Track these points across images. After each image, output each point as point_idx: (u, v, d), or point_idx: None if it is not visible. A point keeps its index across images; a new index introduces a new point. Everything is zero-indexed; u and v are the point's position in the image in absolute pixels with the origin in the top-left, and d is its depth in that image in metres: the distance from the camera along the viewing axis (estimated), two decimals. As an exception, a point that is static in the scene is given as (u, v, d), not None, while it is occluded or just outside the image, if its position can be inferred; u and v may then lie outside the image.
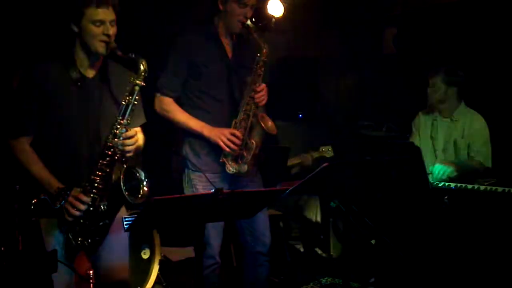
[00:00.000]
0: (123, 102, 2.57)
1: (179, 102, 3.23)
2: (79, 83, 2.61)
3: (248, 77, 3.16)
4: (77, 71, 2.61)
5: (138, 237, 3.97)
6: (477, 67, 4.70)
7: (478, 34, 4.86)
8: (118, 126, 2.56)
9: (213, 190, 2.30)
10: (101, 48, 2.55)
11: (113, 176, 2.54)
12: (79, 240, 2.55)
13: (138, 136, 2.69)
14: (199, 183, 3.17)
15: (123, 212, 2.85)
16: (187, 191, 3.23)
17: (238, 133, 3.12)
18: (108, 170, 2.55)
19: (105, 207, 2.56)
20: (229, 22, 3.17)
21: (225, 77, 3.21)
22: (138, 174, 2.57)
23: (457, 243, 3.41)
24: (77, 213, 2.52)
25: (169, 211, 2.37)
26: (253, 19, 5.46)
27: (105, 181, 2.54)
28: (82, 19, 2.52)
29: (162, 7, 4.88)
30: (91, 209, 2.54)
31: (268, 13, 5.41)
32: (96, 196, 2.54)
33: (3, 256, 2.56)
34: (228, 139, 3.09)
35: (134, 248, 3.94)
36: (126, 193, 2.51)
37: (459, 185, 3.47)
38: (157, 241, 4.05)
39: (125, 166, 2.55)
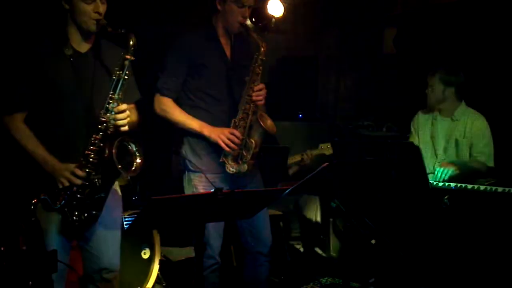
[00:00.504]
0: (114, 77, 2.62)
1: (179, 102, 3.23)
2: (72, 59, 2.66)
3: (247, 77, 3.16)
4: (70, 47, 2.67)
5: (138, 237, 3.97)
6: (477, 67, 4.70)
7: (478, 34, 4.86)
8: (110, 101, 2.60)
9: (213, 190, 2.30)
10: (92, 25, 2.61)
11: (107, 150, 2.57)
12: (76, 215, 2.60)
13: (132, 111, 2.75)
14: (199, 183, 3.17)
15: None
16: (187, 191, 3.23)
17: (237, 133, 3.12)
18: (102, 144, 2.59)
19: (100, 181, 2.60)
20: (227, 22, 3.17)
21: (224, 76, 3.21)
22: (130, 147, 2.61)
23: (457, 243, 3.40)
24: (73, 187, 2.57)
25: (169, 211, 2.37)
26: (253, 19, 5.49)
27: (99, 156, 2.59)
28: None
29: (161, 7, 4.89)
30: (87, 183, 2.59)
31: (268, 13, 5.41)
32: (91, 171, 2.59)
33: (3, 256, 2.56)
34: (228, 138, 3.09)
35: (134, 248, 3.94)
36: (119, 166, 2.56)
37: (459, 185, 3.47)
38: (157, 241, 4.05)
39: (118, 140, 2.58)
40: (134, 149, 2.62)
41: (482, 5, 4.80)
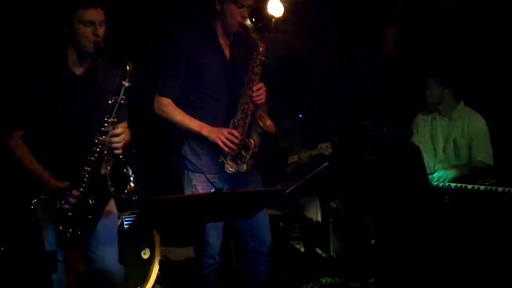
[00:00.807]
0: (110, 102, 2.65)
1: (178, 102, 3.23)
2: (68, 81, 2.71)
3: (246, 77, 3.16)
4: (66, 69, 2.72)
5: (138, 237, 3.97)
6: (476, 67, 4.70)
7: (478, 34, 4.86)
8: (106, 124, 2.65)
9: (213, 190, 2.30)
10: (90, 47, 2.66)
11: (102, 171, 2.63)
12: (70, 232, 2.66)
13: (125, 131, 2.80)
14: (199, 183, 3.17)
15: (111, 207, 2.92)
16: (187, 192, 3.23)
17: (236, 133, 3.12)
18: (96, 165, 2.64)
19: (94, 201, 2.66)
20: (226, 22, 3.17)
21: (223, 76, 3.21)
22: (126, 171, 2.66)
23: (457, 243, 3.40)
24: (68, 206, 2.62)
25: (169, 211, 2.37)
26: (253, 19, 5.49)
27: (94, 176, 2.64)
28: (72, 19, 2.62)
29: (160, 8, 4.89)
30: (81, 203, 2.64)
31: (268, 13, 5.41)
32: (86, 191, 2.63)
33: (3, 256, 2.57)
34: (227, 139, 3.09)
35: (134, 248, 3.94)
36: (112, 188, 2.61)
37: (459, 185, 3.47)
38: (157, 241, 4.05)
39: (113, 162, 2.64)
40: (130, 173, 2.67)
41: (482, 5, 4.80)
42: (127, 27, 4.42)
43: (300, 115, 5.98)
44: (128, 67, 2.64)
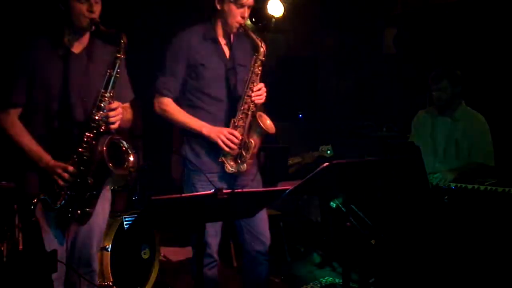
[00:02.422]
0: (106, 76, 2.65)
1: (178, 102, 3.23)
2: (65, 58, 2.69)
3: (246, 77, 3.16)
4: (64, 47, 2.71)
5: (138, 237, 3.97)
6: (477, 67, 4.71)
7: (478, 34, 4.87)
8: (102, 99, 2.64)
9: (213, 190, 2.30)
10: (85, 23, 2.65)
11: (99, 148, 2.61)
12: (70, 211, 2.64)
13: (126, 109, 2.83)
14: (199, 183, 3.17)
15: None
16: (187, 191, 3.22)
17: (236, 133, 3.11)
18: (94, 142, 2.62)
19: (91, 179, 2.63)
20: (226, 22, 3.16)
21: (223, 76, 3.21)
22: (122, 145, 2.66)
23: (457, 243, 3.40)
24: (64, 183, 2.60)
25: (169, 211, 2.37)
26: (253, 19, 5.48)
27: (91, 153, 2.62)
28: None
29: (160, 7, 4.89)
30: (79, 180, 2.62)
31: (268, 13, 5.42)
32: (83, 168, 2.61)
33: (2, 256, 2.57)
34: (227, 138, 3.09)
35: (134, 248, 3.95)
36: (110, 164, 2.59)
37: (459, 185, 3.47)
38: (157, 241, 4.05)
39: (108, 138, 2.62)
40: (126, 146, 2.67)
41: (482, 5, 4.80)
42: (127, 26, 4.42)
43: (300, 115, 5.99)
44: (123, 40, 2.64)
